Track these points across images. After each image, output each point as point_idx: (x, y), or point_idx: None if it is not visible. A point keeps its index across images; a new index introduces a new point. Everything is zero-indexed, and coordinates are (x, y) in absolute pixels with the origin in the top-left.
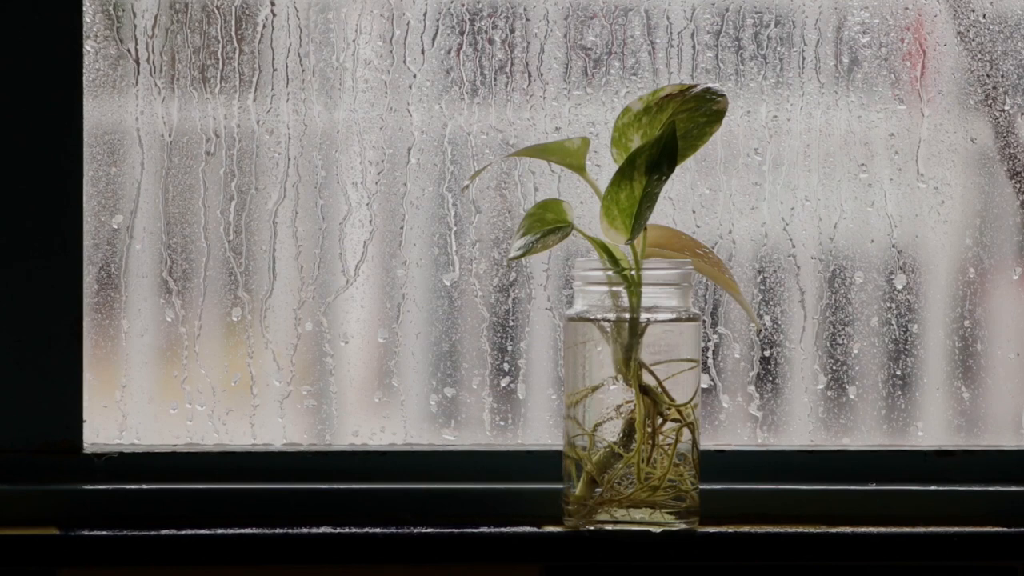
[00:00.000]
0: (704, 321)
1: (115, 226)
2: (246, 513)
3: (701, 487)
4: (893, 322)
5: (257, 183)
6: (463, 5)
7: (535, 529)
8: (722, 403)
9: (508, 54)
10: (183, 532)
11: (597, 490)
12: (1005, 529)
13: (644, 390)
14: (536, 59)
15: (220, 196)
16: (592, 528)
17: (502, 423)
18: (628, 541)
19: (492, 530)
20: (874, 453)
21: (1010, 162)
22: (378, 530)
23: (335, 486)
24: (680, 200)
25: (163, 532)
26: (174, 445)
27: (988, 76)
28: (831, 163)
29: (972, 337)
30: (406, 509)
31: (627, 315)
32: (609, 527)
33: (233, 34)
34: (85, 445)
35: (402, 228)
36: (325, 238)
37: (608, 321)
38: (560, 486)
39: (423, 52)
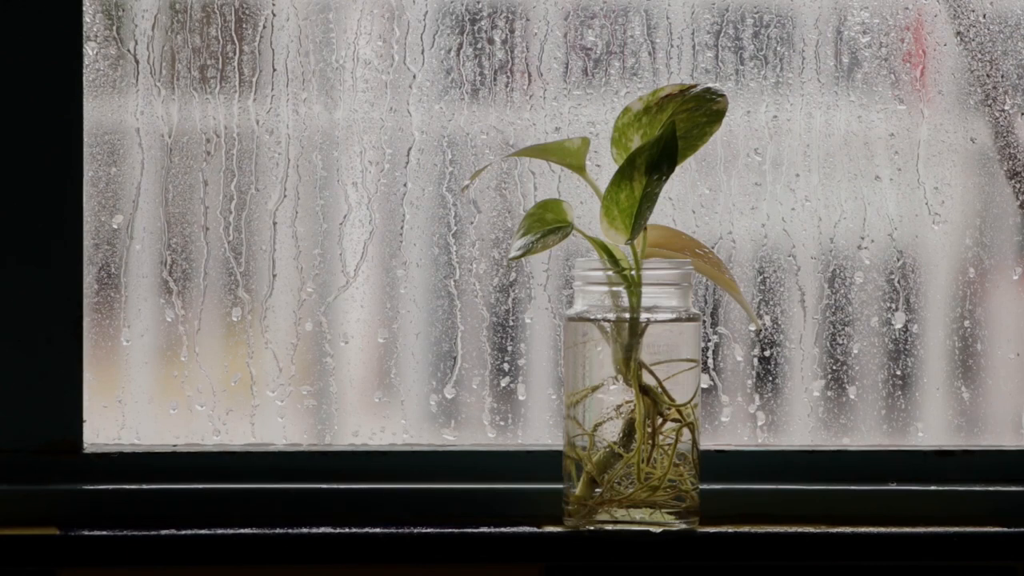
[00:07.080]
0: (704, 321)
1: (115, 226)
2: (246, 513)
3: (701, 487)
4: (893, 322)
5: (257, 183)
6: (463, 5)
7: (535, 529)
8: (722, 403)
9: (508, 54)
10: (183, 532)
11: (597, 490)
12: (1005, 529)
13: (644, 390)
14: (536, 59)
15: (220, 196)
16: (592, 528)
17: (502, 423)
18: (628, 541)
19: (492, 530)
20: (874, 453)
21: (1010, 162)
22: (378, 530)
23: (335, 486)
24: (680, 200)
25: (163, 532)
26: (174, 445)
27: (988, 76)
28: (831, 163)
29: (972, 337)
30: (406, 509)
31: (627, 315)
32: (609, 527)
33: (233, 34)
34: (85, 445)
35: (402, 228)
36: (325, 238)
37: (608, 321)
38: (560, 486)
39: (423, 52)
